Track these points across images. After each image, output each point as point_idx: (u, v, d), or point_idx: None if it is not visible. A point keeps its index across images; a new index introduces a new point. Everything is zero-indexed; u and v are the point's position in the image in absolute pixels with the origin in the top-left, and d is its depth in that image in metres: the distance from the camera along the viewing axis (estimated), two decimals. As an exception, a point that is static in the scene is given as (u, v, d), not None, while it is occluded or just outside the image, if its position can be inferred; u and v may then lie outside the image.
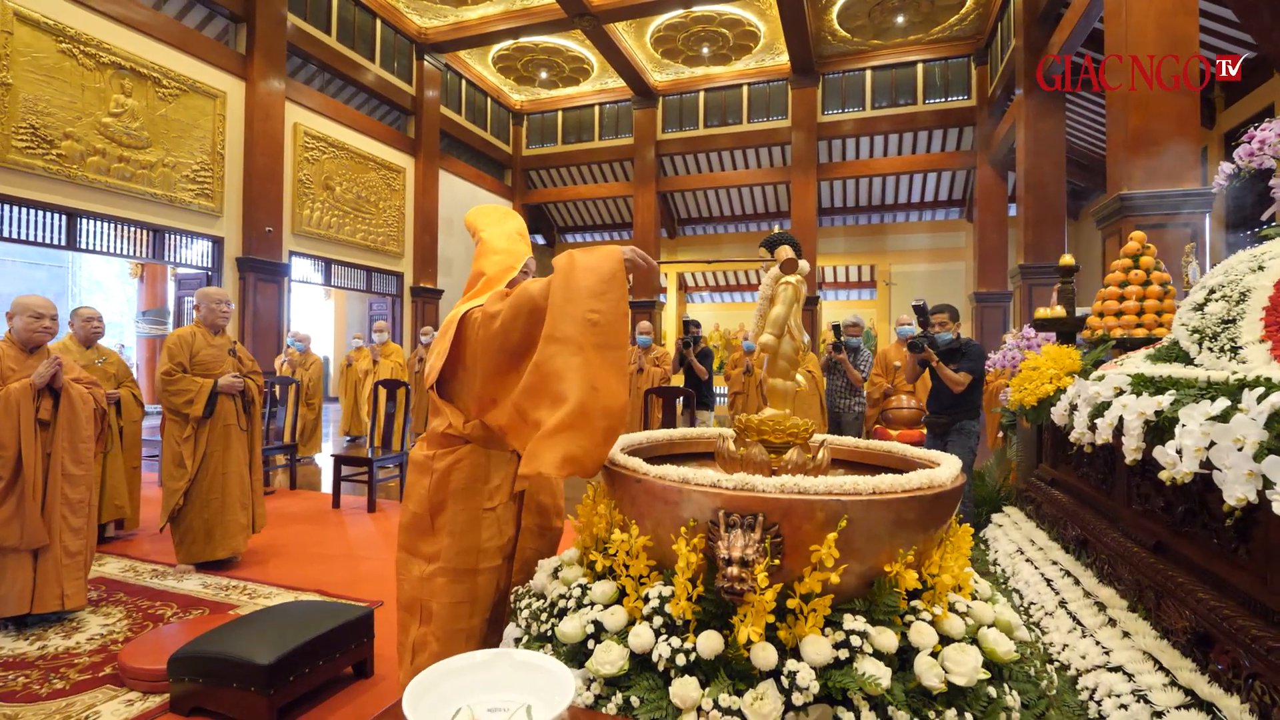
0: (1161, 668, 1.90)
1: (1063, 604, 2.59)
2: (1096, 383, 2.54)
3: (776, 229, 1.89)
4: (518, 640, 1.48)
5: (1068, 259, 4.14)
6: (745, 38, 13.58)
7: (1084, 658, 2.17)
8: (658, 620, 1.29)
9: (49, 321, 2.68)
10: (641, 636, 1.26)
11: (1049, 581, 2.85)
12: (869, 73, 14.34)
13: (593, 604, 1.38)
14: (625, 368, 1.56)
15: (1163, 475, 1.77)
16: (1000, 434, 5.09)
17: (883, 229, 17.09)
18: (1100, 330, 3.62)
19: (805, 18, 11.92)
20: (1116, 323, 3.55)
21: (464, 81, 15.58)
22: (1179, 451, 1.73)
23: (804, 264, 1.66)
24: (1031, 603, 2.80)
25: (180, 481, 3.31)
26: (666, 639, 1.26)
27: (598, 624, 1.34)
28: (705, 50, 13.99)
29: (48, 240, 8.31)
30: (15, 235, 7.91)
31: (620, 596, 1.38)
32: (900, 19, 12.53)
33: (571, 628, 1.34)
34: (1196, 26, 5.72)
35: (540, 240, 20.21)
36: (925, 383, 4.82)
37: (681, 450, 1.96)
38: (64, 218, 8.39)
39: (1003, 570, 3.36)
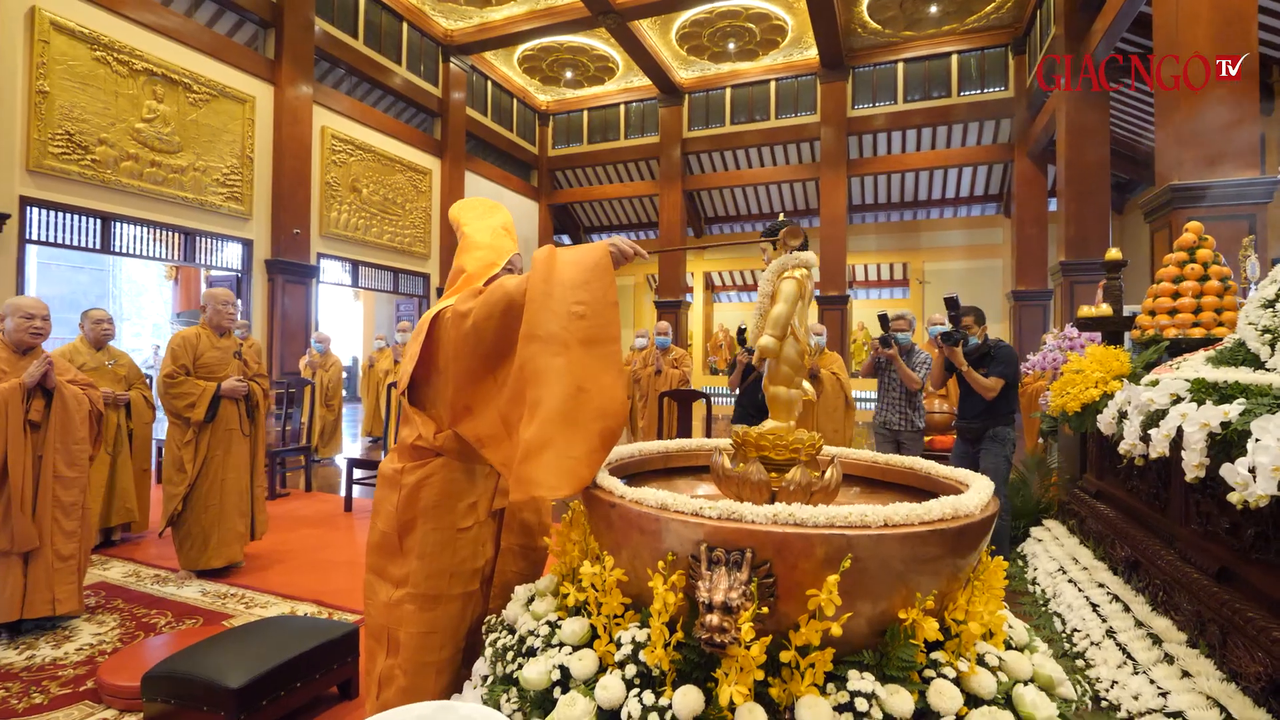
0: (1230, 717, 1.66)
1: (1111, 634, 2.34)
2: (1149, 388, 2.29)
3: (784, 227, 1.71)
4: (485, 678, 1.33)
5: (1114, 253, 3.84)
6: (772, 32, 13.30)
7: (1136, 699, 1.93)
8: (631, 669, 1.11)
9: (40, 322, 2.63)
10: (610, 690, 1.09)
11: (1095, 607, 2.59)
12: (901, 65, 13.92)
13: (561, 645, 1.22)
14: (619, 363, 1.40)
15: (1233, 498, 1.53)
16: (1040, 440, 4.79)
17: (915, 226, 16.61)
18: (1152, 330, 3.32)
19: (834, 10, 11.60)
20: (1170, 322, 3.25)
21: (489, 83, 15.61)
22: (1252, 470, 1.50)
23: (811, 256, 1.46)
24: (1075, 630, 2.55)
25: (180, 486, 3.25)
26: (639, 693, 1.08)
27: (565, 669, 1.17)
28: (731, 46, 13.74)
29: (83, 244, 8.49)
30: (52, 239, 8.10)
31: (592, 637, 1.21)
32: (934, 9, 12.12)
33: (536, 673, 1.17)
34: (1255, 5, 5.32)
35: (566, 240, 20.17)
36: (956, 385, 4.48)
37: (680, 464, 1.76)
38: (99, 222, 8.57)
39: (1042, 591, 3.09)
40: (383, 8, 12.52)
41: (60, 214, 8.09)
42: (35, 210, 7.81)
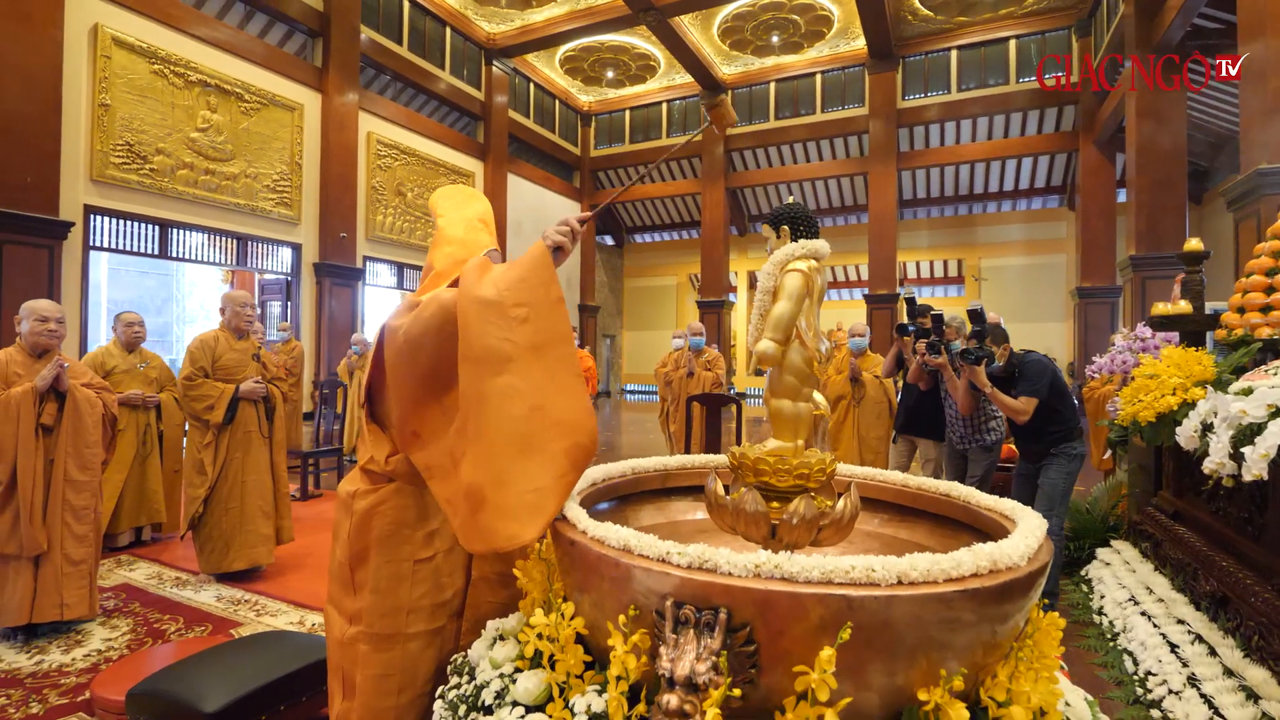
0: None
1: (1194, 682, 2.02)
2: (1240, 398, 1.97)
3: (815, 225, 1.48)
4: (443, 729, 1.17)
5: (1194, 244, 3.43)
6: (818, 23, 12.89)
7: (1227, 766, 1.63)
8: (586, 745, 0.93)
9: (54, 325, 2.64)
10: (561, 769, 0.91)
11: (1174, 648, 2.26)
12: (954, 53, 13.29)
13: (515, 703, 1.04)
14: (576, 366, 1.21)
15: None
16: (1108, 453, 4.37)
17: (971, 220, 15.86)
18: (1241, 329, 2.93)
19: (883, -3, 11.16)
20: (1263, 320, 2.86)
21: (532, 85, 15.67)
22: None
23: (822, 245, 1.25)
24: (1149, 673, 2.23)
25: (200, 489, 3.24)
26: (594, 778, 0.90)
27: (518, 735, 1.00)
28: (775, 39, 13.38)
29: (142, 250, 8.83)
30: (114, 245, 8.43)
31: (549, 698, 1.03)
32: (990, -9, 11.52)
33: (488, 735, 1.00)
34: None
35: (609, 241, 20.12)
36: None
37: (680, 484, 1.55)
38: (157, 228, 8.89)
39: (1110, 623, 2.76)
40: (426, 13, 12.69)
41: (121, 221, 8.43)
42: (98, 218, 8.14)
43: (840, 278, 17.96)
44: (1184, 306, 3.38)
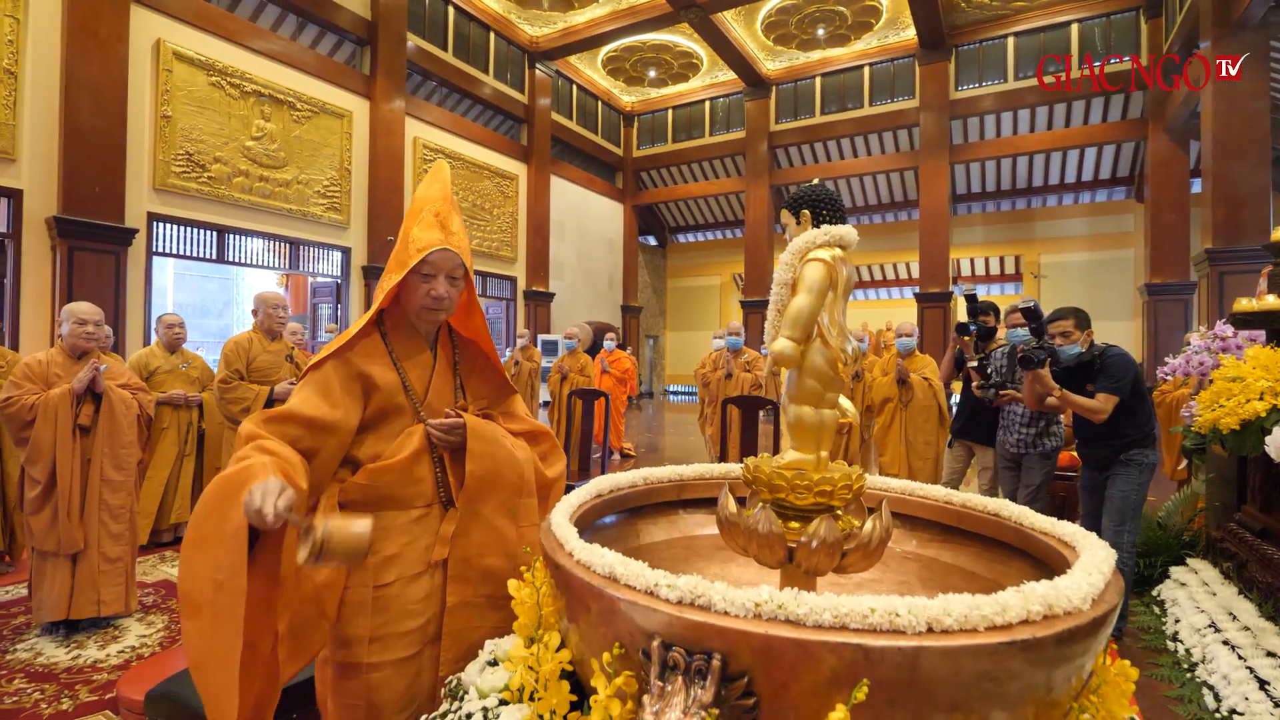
0: None
1: (1288, 726, 1.79)
2: (1345, 406, 1.73)
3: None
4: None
5: (1285, 234, 3.11)
6: (865, 14, 12.51)
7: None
8: (570, 797, 0.83)
9: (92, 328, 2.70)
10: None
11: (1263, 685, 2.02)
12: (1011, 40, 12.69)
13: (498, 742, 0.95)
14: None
15: None
16: (1183, 463, 4.03)
17: (1030, 214, 15.14)
18: (1340, 329, 2.63)
19: (934, -16, 10.74)
20: (1367, 318, 2.56)
21: (574, 86, 15.73)
22: None
23: (848, 231, 1.10)
24: (1234, 711, 2.00)
25: (236, 490, 3.28)
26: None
27: (501, 778, 0.90)
28: (821, 32, 13.06)
29: (202, 255, 9.20)
30: (175, 251, 8.81)
31: (535, 737, 0.94)
32: (1051, -27, 10.95)
33: (469, 775, 0.91)
34: None
35: (652, 241, 20.04)
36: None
37: (698, 495, 1.42)
38: (214, 234, 9.24)
39: (1187, 652, 2.50)
40: (470, 19, 12.87)
41: (182, 227, 8.79)
42: (160, 225, 8.51)
43: (890, 276, 17.42)
44: (1272, 302, 3.06)
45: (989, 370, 3.41)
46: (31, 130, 7.12)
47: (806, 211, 1.12)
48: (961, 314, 15.63)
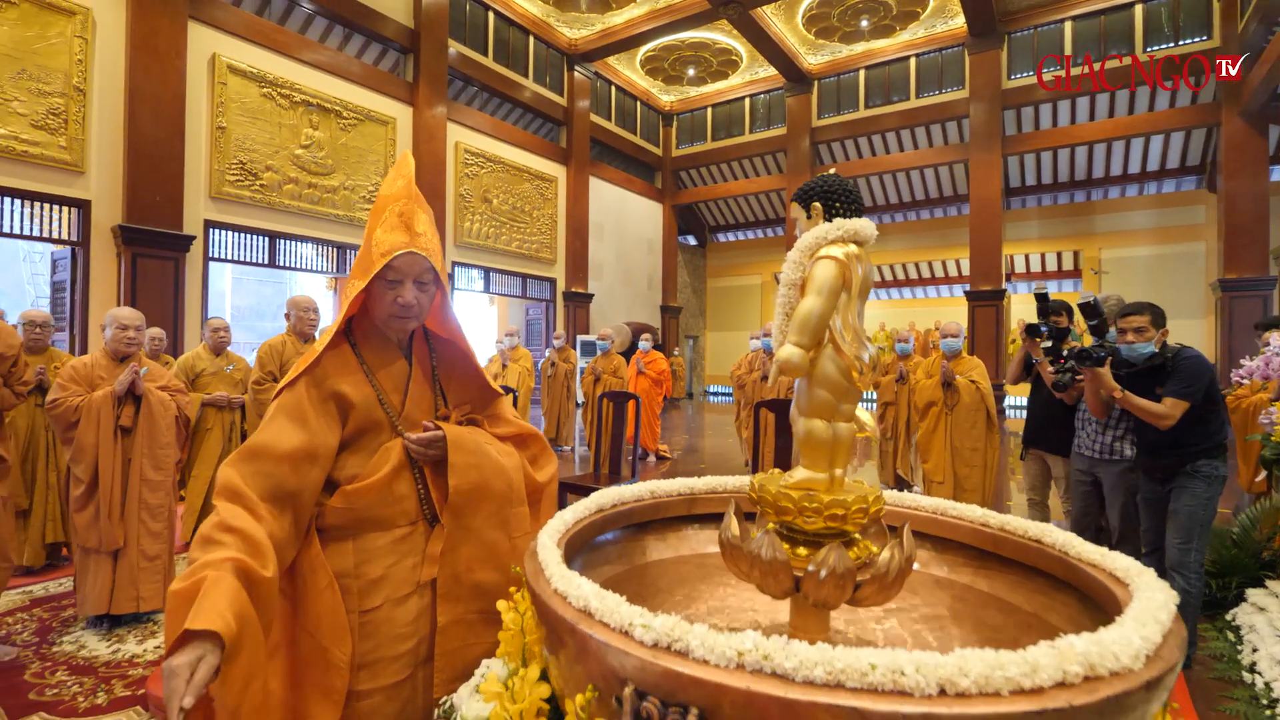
0: None
1: (1384, 775, 1.59)
2: None
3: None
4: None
5: (1379, 223, 2.81)
6: (911, 3, 12.12)
7: None
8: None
9: (133, 333, 2.79)
10: None
11: (1354, 726, 1.81)
12: (1068, 24, 12.10)
13: (480, 776, 0.89)
14: None
15: None
16: (1261, 474, 3.72)
17: (1089, 207, 14.41)
18: None
19: (985, -32, 10.32)
20: None
21: (613, 88, 15.74)
22: None
23: (865, 225, 0.99)
24: (1320, 754, 1.80)
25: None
26: None
27: (480, 817, 0.84)
28: (864, 23, 12.71)
29: (254, 260, 9.54)
30: (229, 256, 9.16)
31: (514, 777, 0.87)
32: (1112, -48, 10.39)
33: (450, 811, 0.86)
34: None
35: (691, 241, 19.91)
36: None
37: (709, 509, 1.33)
38: (266, 240, 9.57)
39: (1266, 685, 2.28)
40: (510, 23, 13.00)
41: (236, 234, 9.13)
42: (216, 232, 8.85)
43: (939, 273, 16.87)
44: (1363, 299, 2.78)
45: (1064, 356, 3.08)
46: (98, 143, 7.49)
47: (817, 204, 1.02)
48: (1024, 312, 15.01)
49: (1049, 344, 3.11)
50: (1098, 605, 0.93)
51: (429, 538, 1.32)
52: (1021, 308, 15.14)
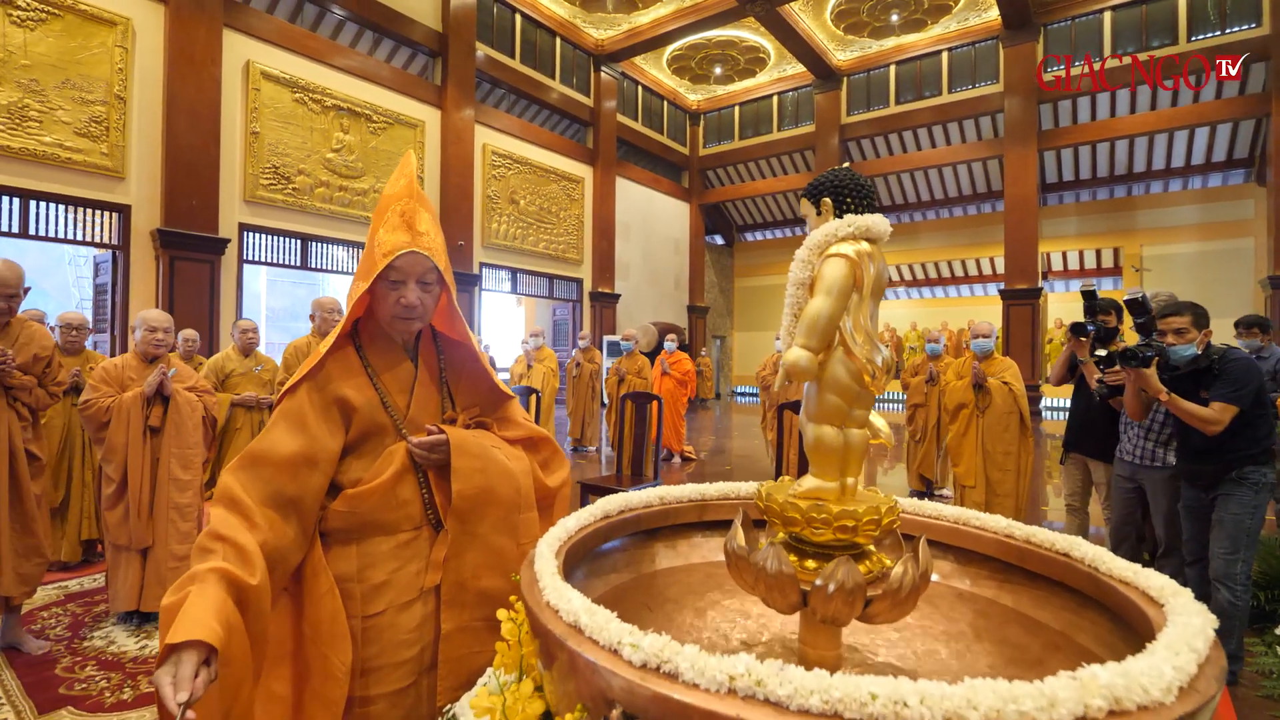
0: None
1: None
2: None
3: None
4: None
5: None
6: (943, -4, 11.88)
7: None
8: None
9: (161, 335, 2.85)
10: None
11: None
12: (1107, 14, 11.73)
13: (475, 791, 0.86)
14: None
15: None
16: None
17: (1130, 203, 13.94)
18: None
19: (1019, -42, 10.05)
20: None
21: (640, 88, 15.72)
22: None
23: (878, 221, 0.94)
24: (1380, 784, 1.68)
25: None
26: None
27: (472, 834, 0.82)
28: (895, 18, 12.49)
29: (286, 262, 9.73)
30: (262, 259, 9.36)
31: (509, 794, 0.84)
32: (1154, -62, 10.03)
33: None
34: None
35: (719, 240, 19.79)
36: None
37: (721, 516, 1.29)
38: (298, 242, 9.75)
39: (1319, 706, 2.15)
40: (537, 26, 13.07)
41: (269, 237, 9.32)
42: (250, 234, 9.05)
43: (973, 272, 16.48)
44: None
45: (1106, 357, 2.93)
46: (138, 150, 7.72)
47: (828, 200, 0.97)
48: (1061, 311, 14.55)
49: (1101, 352, 2.95)
50: (1129, 625, 0.87)
51: (433, 543, 1.30)
52: (1058, 307, 14.71)
